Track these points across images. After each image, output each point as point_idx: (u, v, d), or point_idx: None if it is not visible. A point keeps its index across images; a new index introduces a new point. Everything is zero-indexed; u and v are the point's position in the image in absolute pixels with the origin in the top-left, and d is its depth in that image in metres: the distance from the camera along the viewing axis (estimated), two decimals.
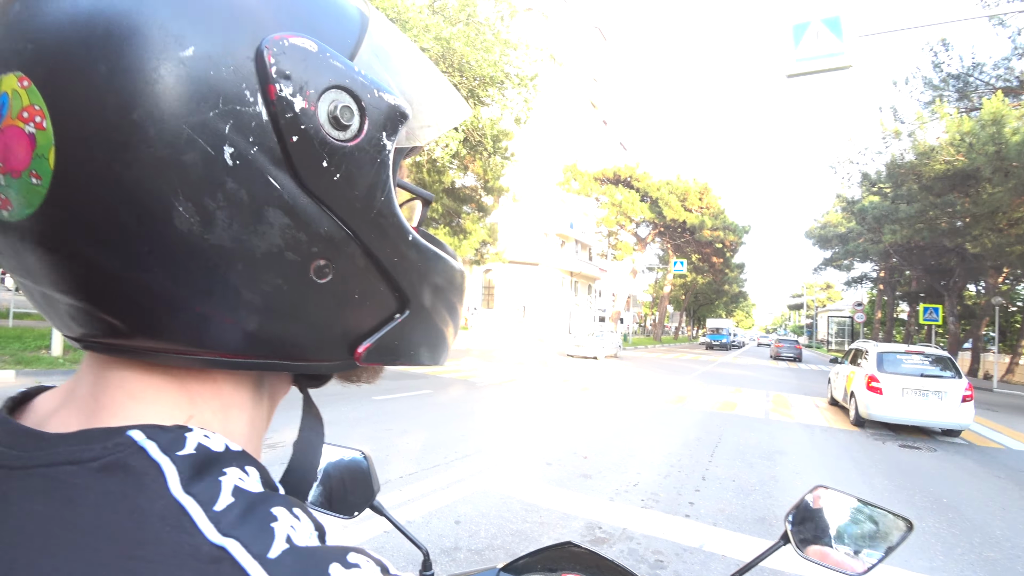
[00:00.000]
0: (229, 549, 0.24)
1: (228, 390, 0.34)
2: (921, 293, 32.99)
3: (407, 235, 0.35)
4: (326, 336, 0.35)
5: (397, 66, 0.36)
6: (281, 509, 0.28)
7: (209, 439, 0.30)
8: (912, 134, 18.85)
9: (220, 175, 0.27)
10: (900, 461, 6.75)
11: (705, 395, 12.27)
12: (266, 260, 0.30)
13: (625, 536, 3.79)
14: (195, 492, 0.26)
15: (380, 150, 0.32)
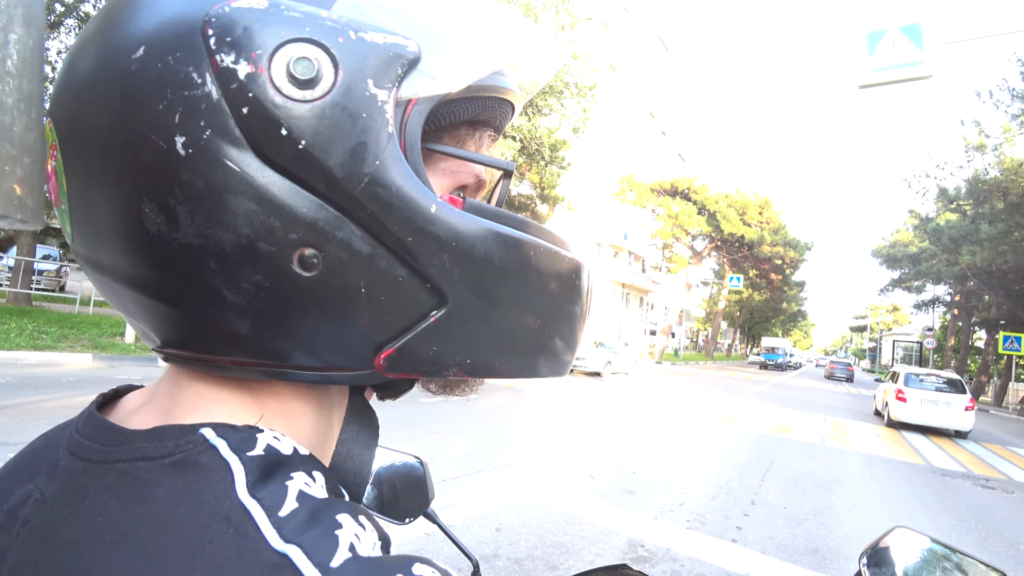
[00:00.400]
0: (291, 556, 0.23)
1: (290, 397, 0.33)
2: (1001, 320, 30.69)
3: (427, 206, 0.29)
4: (336, 340, 0.30)
5: (415, 2, 0.31)
6: (346, 516, 0.26)
7: (279, 441, 0.29)
8: (998, 148, 17.69)
9: (174, 169, 0.25)
10: (972, 501, 6.30)
11: (758, 416, 11.83)
12: (238, 254, 0.27)
13: (668, 557, 3.71)
14: (261, 496, 0.25)
15: (368, 102, 0.27)
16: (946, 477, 7.53)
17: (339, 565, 0.24)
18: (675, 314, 38.72)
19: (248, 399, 0.32)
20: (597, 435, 7.71)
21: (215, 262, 0.27)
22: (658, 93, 44.41)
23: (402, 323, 0.30)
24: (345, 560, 0.24)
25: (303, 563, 0.23)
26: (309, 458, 0.29)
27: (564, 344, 0.37)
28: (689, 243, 37.11)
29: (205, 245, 0.26)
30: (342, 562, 0.24)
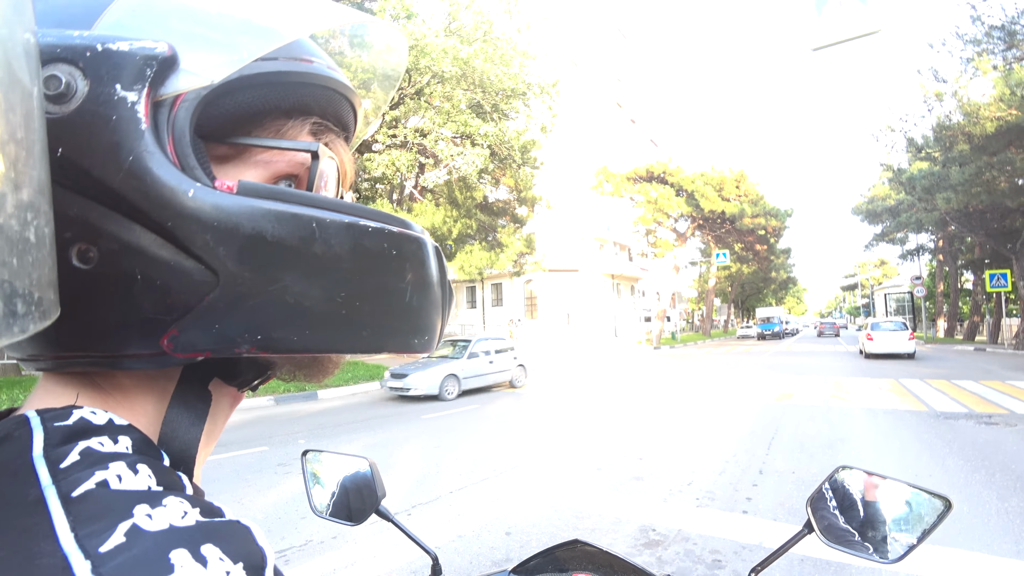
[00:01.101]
0: (45, 494, 0.26)
1: (129, 385, 0.35)
2: (986, 260, 31.11)
3: (184, 191, 0.30)
4: (124, 327, 0.31)
5: (174, 9, 0.33)
6: (119, 463, 0.28)
7: (95, 415, 0.31)
8: (956, 93, 17.92)
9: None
10: (976, 440, 6.35)
11: (760, 386, 11.89)
12: None
13: (680, 537, 3.70)
14: (50, 455, 0.28)
15: (116, 105, 0.29)
16: (949, 420, 7.58)
17: (80, 493, 0.26)
18: (667, 298, 38.81)
19: (83, 389, 0.34)
20: (601, 428, 7.71)
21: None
22: (622, 82, 44.69)
23: (182, 305, 0.31)
24: (87, 490, 0.26)
25: (50, 496, 0.26)
26: (123, 427, 0.31)
27: (394, 314, 0.37)
28: (672, 226, 37.27)
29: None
30: (84, 492, 0.26)
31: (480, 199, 19.83)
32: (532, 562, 0.89)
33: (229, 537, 0.27)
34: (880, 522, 0.74)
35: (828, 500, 0.77)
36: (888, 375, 13.53)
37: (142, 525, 0.25)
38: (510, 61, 15.34)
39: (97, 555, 0.24)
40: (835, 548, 0.73)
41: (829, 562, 3.23)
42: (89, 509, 0.26)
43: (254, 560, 0.27)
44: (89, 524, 0.25)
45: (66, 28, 0.29)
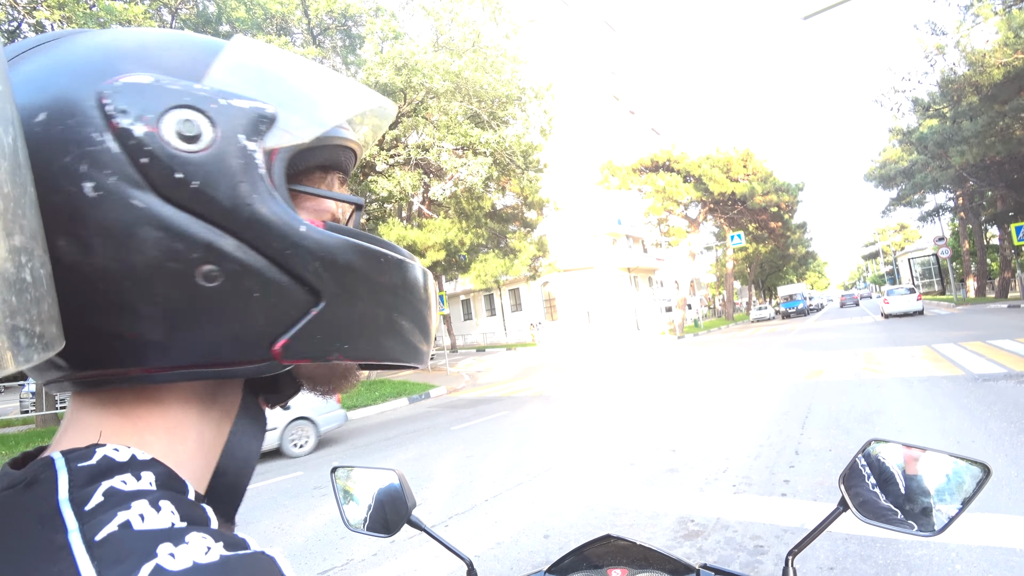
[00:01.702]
0: (70, 539, 0.27)
1: (174, 406, 0.37)
2: (1010, 212, 30.29)
3: (296, 227, 0.36)
4: (238, 338, 0.36)
5: (264, 76, 0.39)
6: (142, 502, 0.30)
7: (117, 452, 0.33)
8: (959, 44, 17.50)
9: (84, 208, 0.32)
10: (1019, 400, 6.17)
11: (788, 365, 11.72)
12: (149, 273, 0.33)
13: (720, 526, 3.67)
14: (75, 497, 0.29)
15: (241, 152, 0.35)
16: (988, 382, 7.39)
17: (104, 537, 0.27)
18: (686, 285, 38.46)
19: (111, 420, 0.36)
20: (630, 423, 7.66)
21: (129, 281, 0.33)
22: (617, 75, 44.56)
23: (290, 319, 0.37)
24: (110, 533, 0.28)
25: (75, 542, 0.27)
26: (147, 462, 0.33)
27: (418, 332, 0.46)
28: (683, 213, 36.97)
29: (120, 267, 0.32)
30: (107, 535, 0.28)
31: (488, 207, 19.89)
32: (566, 561, 0.90)
33: (252, 570, 0.29)
34: (917, 494, 0.72)
35: (861, 475, 0.76)
36: (921, 342, 13.23)
37: (165, 565, 0.27)
38: (501, 68, 15.41)
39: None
40: (872, 524, 0.72)
41: (875, 539, 3.17)
42: (112, 553, 0.27)
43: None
44: (113, 568, 0.26)
45: (178, 77, 0.35)
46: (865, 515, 0.73)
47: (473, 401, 12.23)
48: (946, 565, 2.85)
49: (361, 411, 11.85)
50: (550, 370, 17.94)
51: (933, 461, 0.73)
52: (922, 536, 0.69)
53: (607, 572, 0.88)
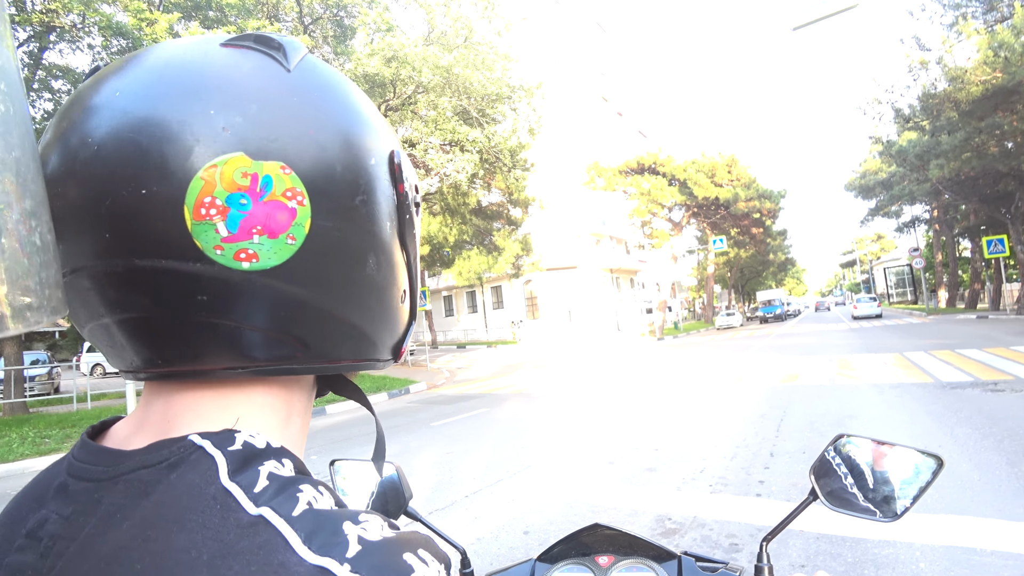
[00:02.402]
0: (264, 515, 0.31)
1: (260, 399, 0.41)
2: (982, 226, 31.10)
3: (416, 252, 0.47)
4: (393, 339, 0.47)
5: None
6: (307, 486, 0.34)
7: (254, 438, 0.36)
8: (941, 60, 17.91)
9: (388, 239, 0.42)
10: (983, 407, 6.39)
11: (765, 369, 11.93)
12: (388, 289, 0.43)
13: (696, 524, 3.74)
14: (239, 479, 0.33)
15: (409, 197, 0.45)
16: (956, 389, 7.62)
17: (299, 514, 0.31)
18: (668, 288, 38.80)
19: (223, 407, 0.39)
20: (610, 422, 7.74)
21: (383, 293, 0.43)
22: (606, 76, 44.73)
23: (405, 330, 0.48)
24: (303, 511, 0.32)
25: (272, 516, 0.31)
26: (280, 449, 0.37)
27: None
28: (667, 216, 37.27)
29: (383, 284, 0.42)
30: (301, 512, 0.32)
31: (474, 204, 19.87)
32: (556, 549, 0.93)
33: (426, 544, 0.34)
34: (879, 483, 0.77)
35: (830, 467, 0.81)
36: (893, 349, 13.57)
37: (365, 536, 0.31)
38: (492, 65, 15.38)
39: (349, 559, 0.30)
40: (839, 512, 0.78)
41: (844, 538, 3.28)
42: (311, 526, 0.31)
43: (447, 561, 0.34)
44: (318, 537, 0.30)
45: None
46: (833, 504, 0.78)
47: (453, 398, 12.23)
48: (911, 563, 2.96)
49: (339, 405, 11.77)
50: (531, 368, 18.00)
51: (894, 454, 0.79)
52: (884, 521, 0.75)
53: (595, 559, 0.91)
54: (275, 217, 0.35)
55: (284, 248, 0.36)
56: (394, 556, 0.31)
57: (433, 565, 0.32)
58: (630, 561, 0.89)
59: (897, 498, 0.76)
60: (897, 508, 0.75)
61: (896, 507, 0.75)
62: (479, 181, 18.75)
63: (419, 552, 0.32)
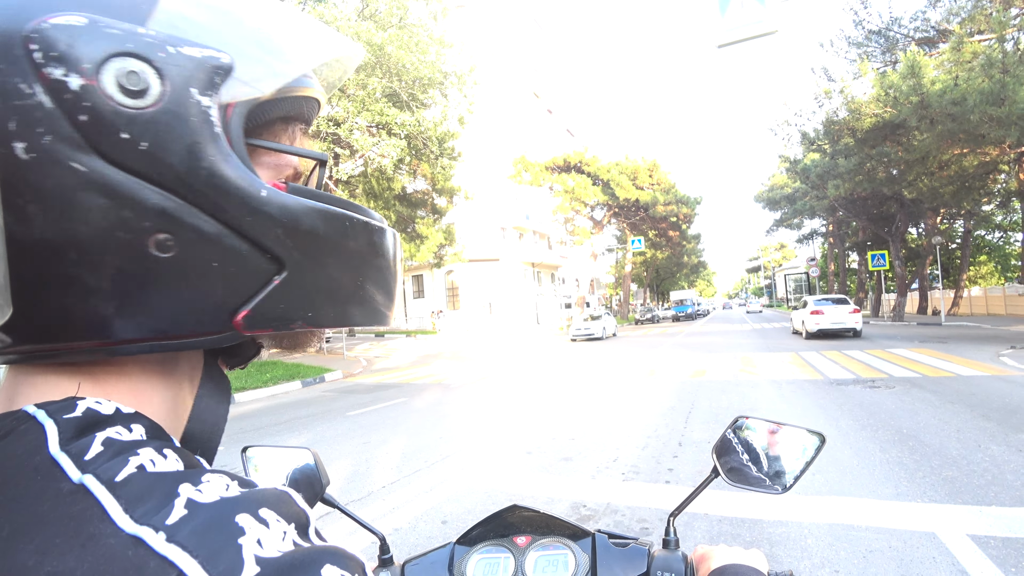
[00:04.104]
0: (85, 482, 0.27)
1: (136, 372, 0.35)
2: (868, 242, 34.38)
3: (257, 191, 0.34)
4: (197, 309, 0.34)
5: (218, 17, 0.35)
6: (147, 449, 0.29)
7: (100, 404, 0.31)
8: (842, 91, 19.52)
9: (18, 172, 0.28)
10: (863, 401, 7.06)
11: (676, 365, 12.54)
12: (96, 244, 0.30)
13: (610, 510, 3.88)
14: (70, 448, 0.28)
15: (195, 108, 0.31)
16: (841, 386, 8.38)
17: (123, 478, 0.27)
18: (586, 284, 39.98)
19: (78, 378, 0.34)
20: (528, 414, 7.86)
21: (75, 252, 0.30)
22: (539, 73, 45.17)
23: (252, 288, 0.35)
24: (130, 475, 0.27)
25: (93, 483, 0.27)
26: (132, 415, 0.32)
27: (383, 296, 0.44)
28: (589, 214, 38.32)
29: (62, 238, 0.29)
30: (127, 476, 0.27)
31: (398, 190, 19.45)
32: (475, 531, 0.92)
33: (278, 502, 0.29)
34: (772, 459, 0.84)
35: (730, 446, 0.87)
36: (790, 349, 14.71)
37: (196, 498, 0.27)
38: (426, 49, 15.10)
39: (167, 527, 0.25)
40: (737, 486, 0.83)
41: (743, 520, 3.51)
42: (136, 491, 0.27)
43: (301, 520, 0.29)
44: (142, 504, 0.26)
45: (116, 19, 0.30)
46: (732, 479, 0.84)
47: (371, 387, 11.96)
48: (800, 540, 3.23)
49: (249, 393, 11.19)
50: (450, 358, 17.94)
51: (785, 433, 0.87)
52: (776, 493, 0.81)
53: (513, 539, 0.92)
54: None
55: None
56: (224, 518, 0.26)
57: (276, 526, 0.27)
58: (547, 540, 0.91)
59: (787, 472, 0.83)
60: (787, 481, 0.82)
61: (786, 480, 0.82)
62: (405, 167, 18.37)
63: (260, 512, 0.27)
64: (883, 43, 20.49)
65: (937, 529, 3.26)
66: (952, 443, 4.98)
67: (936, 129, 15.17)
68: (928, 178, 20.20)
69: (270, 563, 0.25)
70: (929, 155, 17.90)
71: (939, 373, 9.05)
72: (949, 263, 35.49)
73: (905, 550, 3.04)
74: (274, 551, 0.26)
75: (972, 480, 4.04)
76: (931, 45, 19.51)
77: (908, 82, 14.60)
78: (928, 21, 20.07)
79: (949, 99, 13.67)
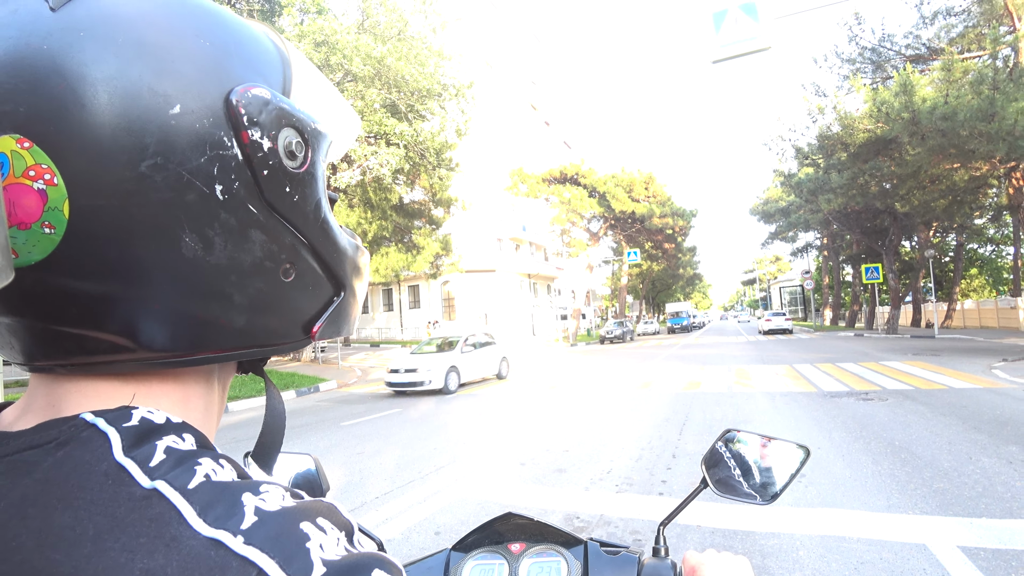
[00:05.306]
0: (158, 487, 0.29)
1: (189, 381, 0.40)
2: (862, 255, 34.60)
3: (338, 233, 0.43)
4: (291, 322, 0.42)
5: (315, 95, 0.44)
6: (206, 459, 0.33)
7: (152, 414, 0.34)
8: (835, 107, 19.77)
9: (215, 209, 0.34)
10: (856, 414, 7.08)
11: (671, 377, 12.56)
12: (251, 270, 0.37)
13: (603, 522, 3.88)
14: (134, 455, 0.31)
15: (319, 170, 0.40)
16: (835, 398, 8.41)
17: (195, 486, 0.30)
18: (582, 296, 39.99)
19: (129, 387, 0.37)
20: (522, 425, 7.85)
21: (235, 275, 0.36)
22: (537, 85, 45.53)
23: (323, 307, 0.44)
24: (200, 483, 0.30)
25: (167, 489, 0.29)
26: (181, 424, 0.36)
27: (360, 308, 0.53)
28: (585, 226, 38.43)
29: (231, 264, 0.36)
30: (197, 484, 0.30)
31: (395, 200, 19.50)
32: (470, 538, 0.94)
33: (328, 512, 0.33)
34: (758, 471, 0.87)
35: (719, 458, 0.90)
36: (785, 361, 14.74)
37: (263, 507, 0.30)
38: (425, 61, 15.23)
39: (243, 531, 0.28)
40: (725, 497, 0.86)
41: (736, 531, 3.52)
42: (207, 498, 0.30)
43: (349, 529, 0.33)
44: (214, 509, 0.29)
45: (278, 90, 0.38)
46: (720, 490, 0.87)
47: (365, 397, 11.93)
48: (792, 551, 3.23)
49: (244, 402, 11.15)
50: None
51: (772, 446, 0.90)
52: (763, 504, 0.84)
53: (507, 546, 0.94)
54: (21, 205, 0.30)
55: (43, 239, 0.31)
56: (291, 525, 0.30)
57: (332, 532, 0.31)
58: (540, 547, 0.93)
59: (773, 484, 0.86)
60: (773, 492, 0.85)
61: (772, 491, 0.85)
62: (403, 177, 18.45)
63: (317, 520, 0.31)
64: (875, 59, 20.78)
65: (928, 541, 3.27)
66: (944, 455, 5.01)
67: (927, 144, 15.36)
68: (920, 192, 20.40)
69: (333, 565, 0.29)
70: (921, 169, 18.09)
71: (932, 385, 9.09)
72: (942, 276, 35.72)
73: (896, 562, 3.05)
74: (334, 555, 0.29)
75: (963, 492, 4.06)
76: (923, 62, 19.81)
77: (900, 99, 14.80)
78: (920, 39, 20.40)
79: (939, 115, 13.85)
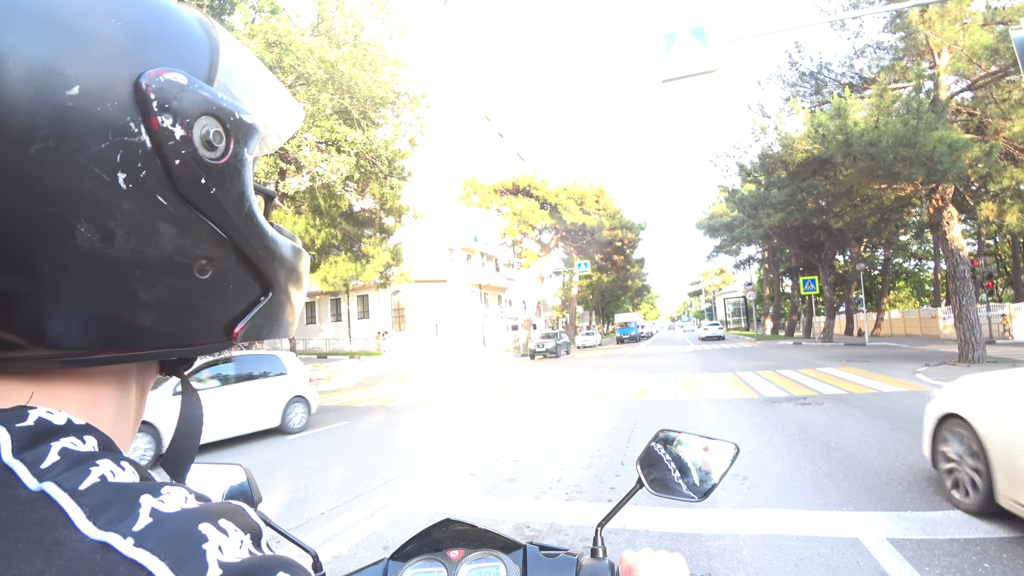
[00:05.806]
0: (45, 489, 0.27)
1: (99, 382, 0.37)
2: (800, 268, 36.30)
3: (267, 231, 0.41)
4: (209, 322, 0.40)
5: (247, 84, 0.42)
6: (105, 460, 0.30)
7: (52, 415, 0.32)
8: (776, 128, 20.76)
9: (117, 198, 0.31)
10: (795, 418, 7.39)
11: (620, 386, 12.76)
12: (159, 265, 0.34)
13: (553, 530, 3.88)
14: (24, 456, 0.29)
15: (243, 163, 0.38)
16: (775, 403, 8.75)
17: (87, 488, 0.28)
18: (533, 306, 40.25)
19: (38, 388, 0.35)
20: (472, 436, 7.80)
21: (140, 271, 0.34)
22: (492, 97, 45.81)
23: (247, 307, 0.42)
24: (93, 484, 0.28)
25: (54, 491, 0.27)
26: (84, 427, 0.33)
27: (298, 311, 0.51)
28: (536, 237, 38.75)
29: (135, 258, 0.33)
30: (90, 486, 0.28)
31: (345, 208, 19.13)
32: (409, 546, 0.92)
33: (234, 514, 0.31)
34: (691, 469, 0.90)
35: (653, 458, 0.92)
36: (728, 369, 15.25)
37: (160, 508, 0.28)
38: (380, 68, 15.07)
39: (134, 533, 0.27)
40: (660, 496, 0.88)
41: (683, 535, 3.59)
42: (99, 500, 0.28)
43: (255, 532, 0.32)
44: (107, 511, 0.27)
45: (198, 77, 0.36)
46: (656, 490, 0.89)
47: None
48: (736, 551, 3.33)
49: None
50: (395, 380, 17.61)
51: (702, 444, 0.92)
52: (695, 502, 0.86)
53: (446, 553, 0.92)
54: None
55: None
56: (187, 526, 0.28)
57: (235, 535, 0.29)
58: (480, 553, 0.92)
59: (704, 481, 0.88)
60: (706, 489, 0.87)
61: (704, 488, 0.88)
62: (353, 185, 18.13)
63: (219, 522, 0.29)
64: (814, 84, 21.98)
65: (860, 535, 3.44)
66: (874, 454, 5.28)
67: (858, 165, 16.30)
68: (852, 210, 21.61)
69: (231, 568, 0.27)
70: (853, 189, 19.17)
71: (863, 390, 9.59)
72: (872, 288, 37.97)
73: (832, 556, 3.18)
74: (234, 557, 0.28)
75: (891, 488, 4.29)
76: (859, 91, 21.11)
77: (835, 122, 15.68)
78: (853, 68, 21.72)
79: (867, 139, 14.75)
